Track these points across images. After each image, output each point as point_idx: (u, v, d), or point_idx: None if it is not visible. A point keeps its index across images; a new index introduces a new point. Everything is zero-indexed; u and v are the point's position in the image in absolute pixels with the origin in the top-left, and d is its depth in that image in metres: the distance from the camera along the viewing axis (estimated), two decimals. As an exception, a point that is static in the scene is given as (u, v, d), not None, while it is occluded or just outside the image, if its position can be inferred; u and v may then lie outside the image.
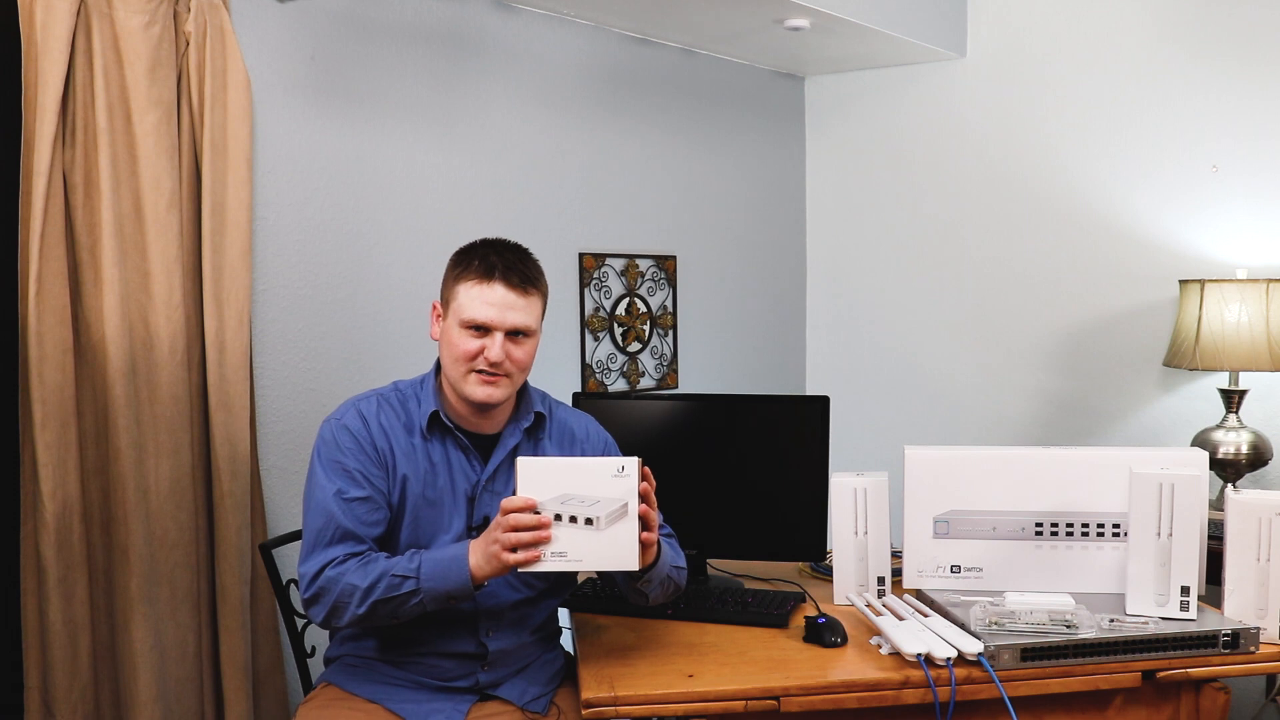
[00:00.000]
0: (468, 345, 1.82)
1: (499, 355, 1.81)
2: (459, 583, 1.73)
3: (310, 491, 1.84)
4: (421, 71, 2.74)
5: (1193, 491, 1.92)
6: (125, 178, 2.14)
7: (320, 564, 1.77)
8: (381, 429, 1.86)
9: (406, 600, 1.73)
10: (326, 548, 1.78)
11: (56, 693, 2.07)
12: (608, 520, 1.69)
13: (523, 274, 1.84)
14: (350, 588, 1.74)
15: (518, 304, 1.83)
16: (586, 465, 1.75)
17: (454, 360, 1.84)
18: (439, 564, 1.74)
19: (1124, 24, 3.25)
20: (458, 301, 1.83)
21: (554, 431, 1.99)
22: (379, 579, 1.73)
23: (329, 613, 1.77)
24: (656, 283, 3.42)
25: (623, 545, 1.69)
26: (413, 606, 1.74)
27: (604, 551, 1.69)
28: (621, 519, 1.70)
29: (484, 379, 1.83)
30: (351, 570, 1.75)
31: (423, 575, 1.73)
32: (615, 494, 1.70)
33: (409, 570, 1.74)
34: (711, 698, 1.77)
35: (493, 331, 1.81)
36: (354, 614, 1.75)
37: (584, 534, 1.69)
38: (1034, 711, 1.87)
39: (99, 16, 2.08)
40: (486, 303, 1.81)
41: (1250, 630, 1.88)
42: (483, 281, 1.81)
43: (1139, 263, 3.26)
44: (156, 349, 2.19)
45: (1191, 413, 3.16)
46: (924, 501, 2.12)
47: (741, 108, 3.68)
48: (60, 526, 2.06)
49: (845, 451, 2.92)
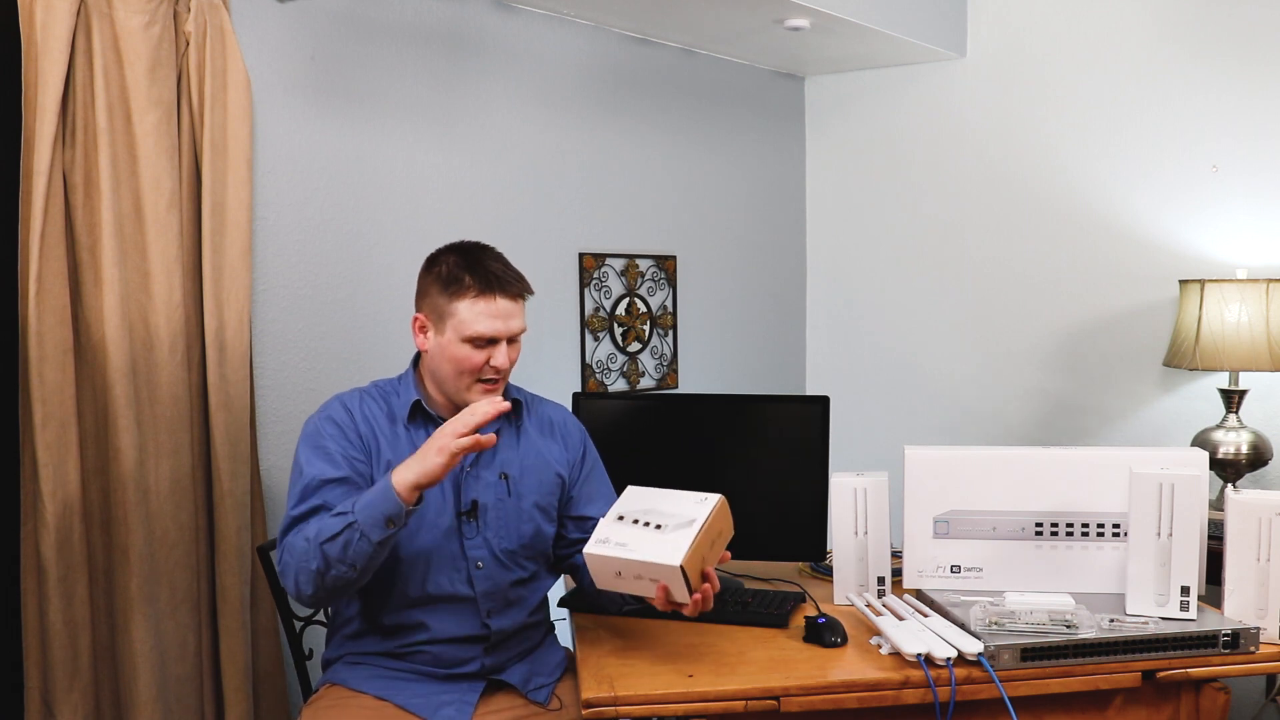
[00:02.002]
0: (474, 359, 1.86)
1: (505, 362, 1.88)
2: (386, 500, 1.70)
3: (291, 479, 1.88)
4: (421, 71, 2.74)
5: (1193, 491, 1.92)
6: (125, 178, 2.14)
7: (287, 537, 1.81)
8: (365, 418, 1.92)
9: (349, 536, 1.70)
10: (296, 523, 1.81)
11: (56, 693, 2.07)
12: (673, 528, 1.78)
13: (515, 282, 1.90)
14: (303, 544, 1.75)
15: (517, 310, 1.90)
16: (679, 494, 1.87)
17: (458, 374, 1.88)
18: (369, 493, 1.74)
19: (1124, 24, 3.25)
20: (458, 318, 1.86)
21: (534, 418, 2.06)
22: (321, 525, 1.75)
23: (295, 581, 1.77)
24: (656, 283, 3.42)
25: (673, 544, 1.76)
26: (358, 543, 1.70)
27: (655, 546, 1.77)
28: (684, 528, 1.78)
29: (488, 387, 1.90)
30: (305, 529, 1.77)
31: (356, 507, 1.72)
32: (689, 512, 1.81)
33: (345, 508, 1.74)
34: (711, 698, 1.77)
35: (498, 342, 1.87)
36: (315, 570, 1.73)
37: (648, 533, 1.79)
38: (1034, 711, 1.87)
39: (99, 16, 2.08)
40: (491, 317, 1.85)
41: (1250, 630, 1.88)
42: (484, 296, 1.85)
43: (1139, 263, 3.26)
44: (156, 349, 2.19)
45: (1191, 413, 3.16)
46: (924, 501, 2.12)
47: (741, 108, 3.68)
48: (60, 526, 2.06)
49: (845, 451, 2.92)
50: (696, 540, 1.75)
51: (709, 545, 1.80)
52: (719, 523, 1.82)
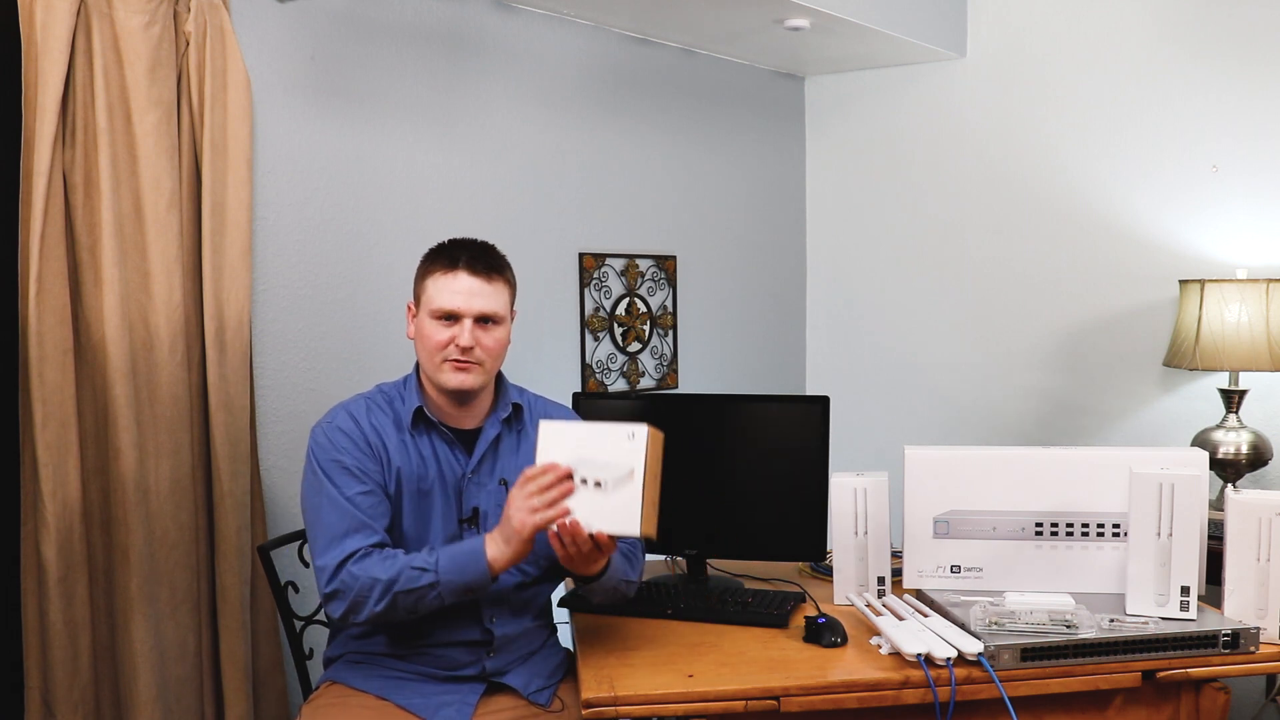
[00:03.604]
0: (439, 335, 1.88)
1: (469, 340, 1.87)
2: (477, 573, 1.76)
3: (313, 493, 1.86)
4: (421, 71, 2.74)
5: (1193, 491, 1.92)
6: (125, 178, 2.14)
7: (339, 558, 1.79)
8: (373, 427, 1.91)
9: (426, 593, 1.76)
10: (343, 539, 1.81)
11: (56, 693, 2.07)
12: (615, 484, 1.74)
13: (486, 262, 1.91)
14: (371, 581, 1.76)
15: (484, 290, 1.89)
16: (601, 430, 1.79)
17: (428, 352, 1.90)
18: (457, 556, 1.78)
19: (1124, 24, 3.25)
20: (426, 294, 1.91)
21: (534, 421, 2.03)
22: (399, 572, 1.76)
23: (348, 608, 1.79)
24: (656, 283, 3.42)
25: (625, 509, 1.74)
26: (431, 600, 1.77)
27: (608, 514, 1.74)
28: (627, 483, 1.74)
29: (456, 366, 1.89)
30: (373, 564, 1.78)
31: (440, 567, 1.76)
32: (624, 459, 1.74)
33: (427, 563, 1.77)
34: (711, 698, 1.77)
35: (462, 319, 1.88)
36: (372, 609, 1.77)
37: (592, 495, 1.74)
38: (1034, 711, 1.87)
39: (99, 16, 2.08)
40: (453, 290, 1.88)
41: (1250, 630, 1.88)
42: (448, 271, 1.89)
43: (1139, 263, 3.26)
44: (156, 349, 2.19)
45: (1191, 413, 3.16)
46: (924, 501, 2.12)
47: (741, 108, 3.68)
48: (60, 526, 2.06)
49: (845, 451, 2.92)
50: (644, 495, 1.74)
51: (653, 482, 1.77)
52: (655, 453, 1.77)
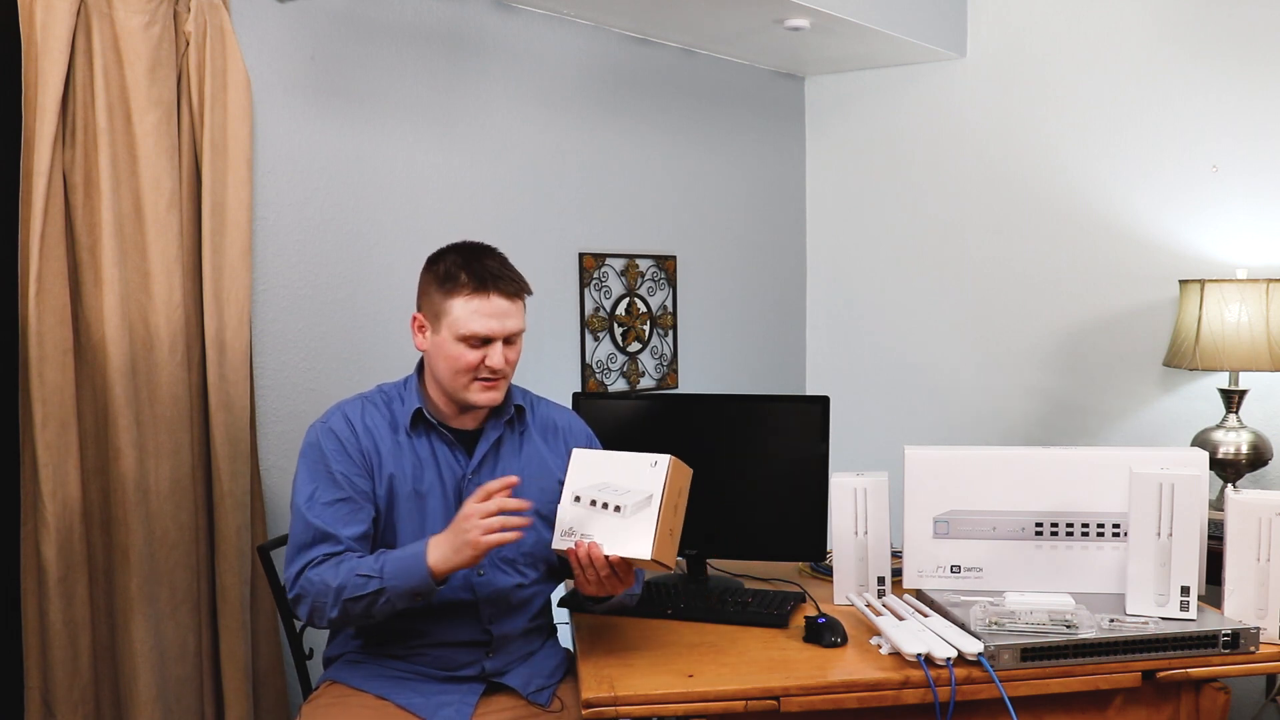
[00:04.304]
0: (469, 357, 1.86)
1: (501, 362, 1.86)
2: (419, 579, 1.74)
3: (292, 495, 1.88)
4: (421, 71, 2.74)
5: (1193, 491, 1.92)
6: (125, 178, 2.14)
7: (300, 565, 1.82)
8: (367, 430, 1.90)
9: (374, 599, 1.75)
10: (306, 549, 1.83)
11: (57, 693, 2.07)
12: (633, 509, 1.77)
13: (511, 280, 1.89)
14: (324, 587, 1.78)
15: (513, 310, 1.88)
16: (628, 459, 1.84)
17: (455, 373, 1.87)
18: (400, 561, 1.76)
19: (1124, 24, 3.25)
20: (452, 316, 1.85)
21: (537, 423, 2.04)
22: (347, 579, 1.77)
23: (311, 612, 1.82)
24: (656, 283, 3.42)
25: (639, 533, 1.76)
26: (382, 605, 1.76)
27: (623, 538, 1.77)
28: (644, 508, 1.77)
29: (486, 385, 1.88)
30: (326, 570, 1.79)
31: (386, 574, 1.75)
32: (645, 485, 1.79)
33: (373, 570, 1.76)
34: (711, 698, 1.77)
35: (493, 341, 1.86)
36: (329, 616, 1.79)
37: (610, 520, 1.79)
38: (1034, 711, 1.87)
39: (99, 16, 2.08)
40: (485, 315, 1.85)
41: (1250, 630, 1.88)
42: (478, 295, 1.85)
43: (1139, 263, 3.26)
44: (156, 349, 2.19)
45: (1191, 413, 3.16)
46: (924, 501, 2.12)
47: (741, 108, 3.68)
48: (60, 526, 2.06)
49: (845, 451, 2.91)
50: (660, 519, 1.76)
51: (673, 513, 1.80)
52: (676, 484, 1.81)
